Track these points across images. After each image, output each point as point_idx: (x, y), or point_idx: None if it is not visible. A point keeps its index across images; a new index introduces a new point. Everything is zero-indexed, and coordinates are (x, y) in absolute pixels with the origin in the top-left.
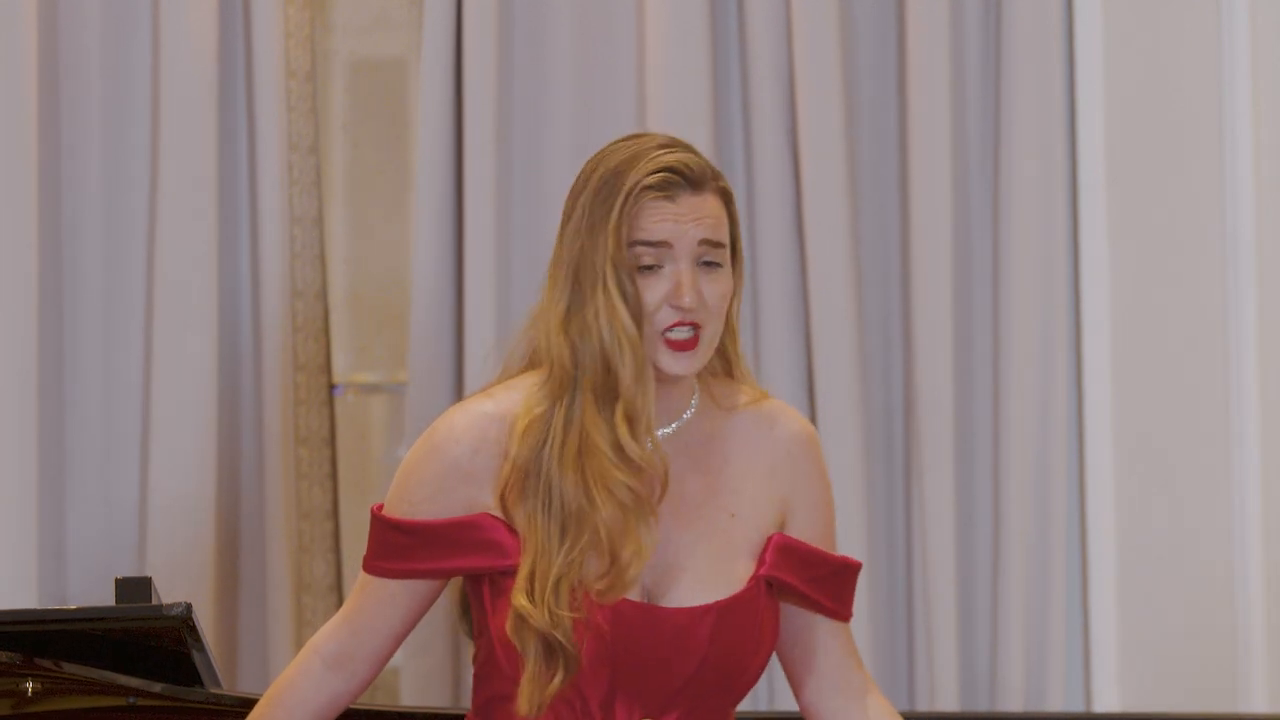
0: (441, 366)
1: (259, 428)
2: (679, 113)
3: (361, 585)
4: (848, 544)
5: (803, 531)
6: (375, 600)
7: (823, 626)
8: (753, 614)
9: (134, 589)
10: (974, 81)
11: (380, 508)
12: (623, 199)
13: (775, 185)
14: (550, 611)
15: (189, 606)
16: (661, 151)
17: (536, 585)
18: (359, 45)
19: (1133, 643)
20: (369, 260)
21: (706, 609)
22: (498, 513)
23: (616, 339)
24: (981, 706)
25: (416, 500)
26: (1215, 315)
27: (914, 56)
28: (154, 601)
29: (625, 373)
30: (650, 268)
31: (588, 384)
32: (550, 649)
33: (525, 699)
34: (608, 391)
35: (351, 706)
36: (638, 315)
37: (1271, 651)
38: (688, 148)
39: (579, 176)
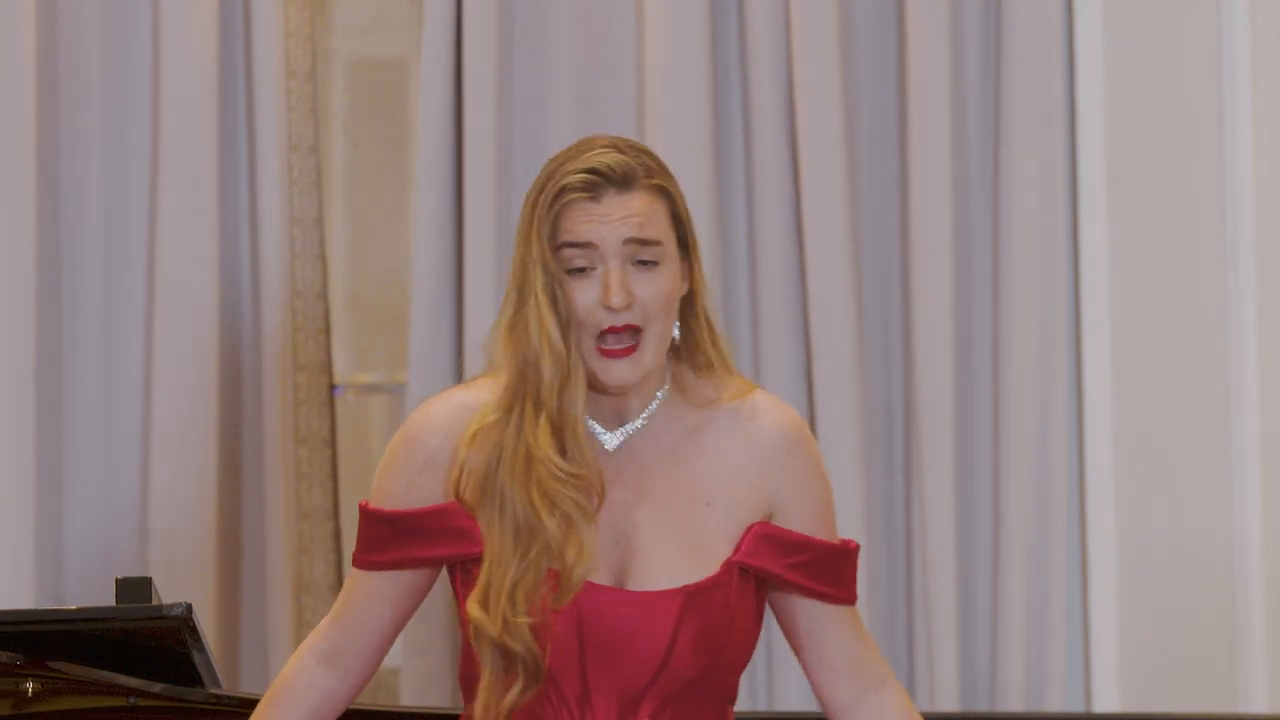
0: (441, 366)
1: (259, 428)
2: (679, 113)
3: (350, 581)
4: None
5: (797, 525)
6: (364, 596)
7: (824, 613)
8: (724, 599)
9: (134, 589)
10: (974, 81)
11: (367, 503)
12: (546, 203)
13: (775, 185)
14: (505, 620)
15: (189, 606)
16: (597, 152)
17: (491, 594)
18: (359, 45)
19: (1133, 643)
20: (369, 260)
21: (675, 592)
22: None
23: (541, 347)
24: (981, 706)
25: (394, 490)
26: (1215, 315)
27: (914, 57)
28: (154, 601)
29: (548, 382)
30: (581, 270)
31: (529, 393)
32: (508, 658)
33: (480, 706)
34: (539, 401)
35: (351, 706)
36: (566, 321)
37: (1271, 651)
38: (629, 148)
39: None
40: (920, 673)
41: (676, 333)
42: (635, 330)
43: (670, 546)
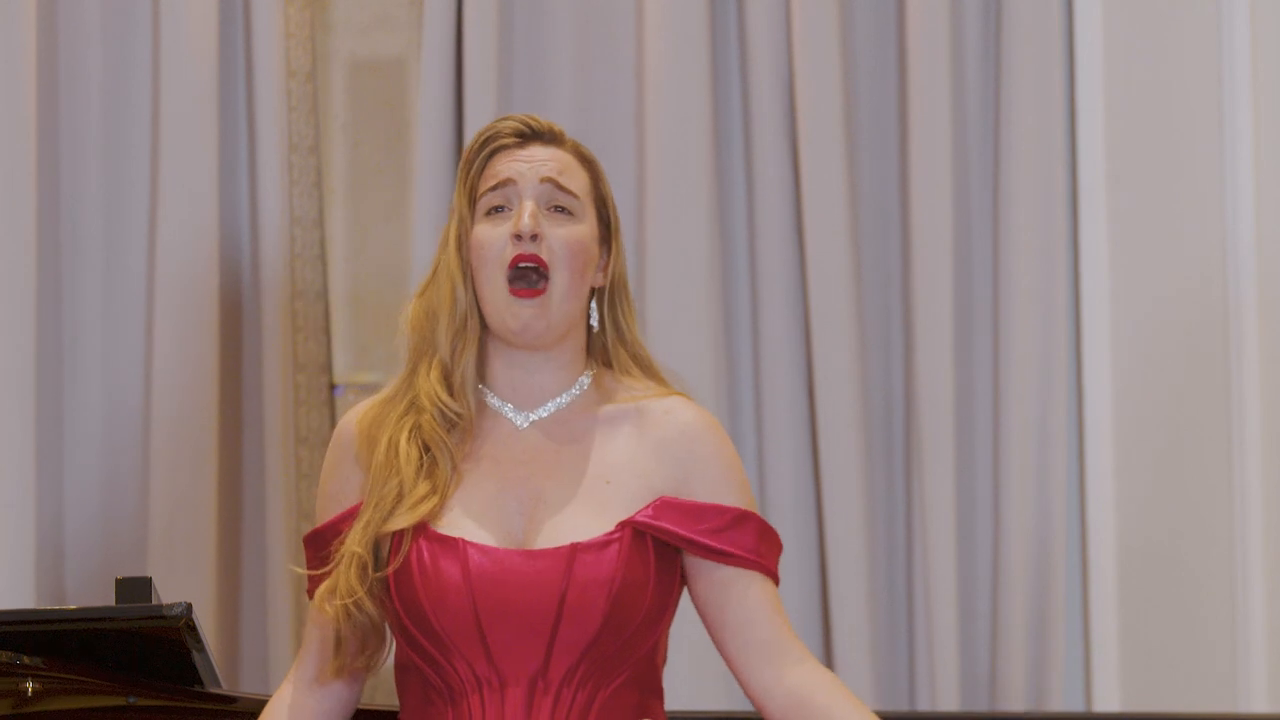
0: None
1: (259, 428)
2: (679, 112)
3: (310, 610)
4: (848, 544)
5: (703, 498)
6: (318, 621)
7: (742, 584)
8: (616, 555)
9: (134, 589)
10: (974, 81)
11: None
12: (474, 152)
13: (775, 185)
14: (341, 597)
15: (189, 606)
16: (533, 116)
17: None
18: (359, 45)
19: (1133, 643)
20: (369, 260)
21: (564, 548)
22: None
23: (444, 291)
24: (981, 706)
25: (325, 499)
26: (1215, 315)
27: (914, 56)
28: (154, 601)
29: (445, 323)
30: (499, 209)
31: (426, 348)
32: (350, 623)
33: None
34: (435, 345)
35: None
36: (470, 270)
37: (1271, 651)
38: (567, 134)
39: None
40: (920, 673)
41: (595, 320)
42: (543, 271)
43: (569, 514)
